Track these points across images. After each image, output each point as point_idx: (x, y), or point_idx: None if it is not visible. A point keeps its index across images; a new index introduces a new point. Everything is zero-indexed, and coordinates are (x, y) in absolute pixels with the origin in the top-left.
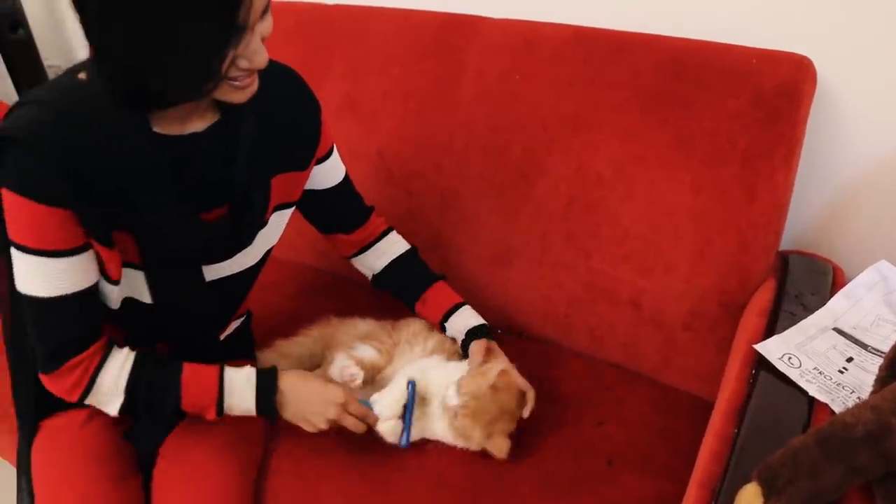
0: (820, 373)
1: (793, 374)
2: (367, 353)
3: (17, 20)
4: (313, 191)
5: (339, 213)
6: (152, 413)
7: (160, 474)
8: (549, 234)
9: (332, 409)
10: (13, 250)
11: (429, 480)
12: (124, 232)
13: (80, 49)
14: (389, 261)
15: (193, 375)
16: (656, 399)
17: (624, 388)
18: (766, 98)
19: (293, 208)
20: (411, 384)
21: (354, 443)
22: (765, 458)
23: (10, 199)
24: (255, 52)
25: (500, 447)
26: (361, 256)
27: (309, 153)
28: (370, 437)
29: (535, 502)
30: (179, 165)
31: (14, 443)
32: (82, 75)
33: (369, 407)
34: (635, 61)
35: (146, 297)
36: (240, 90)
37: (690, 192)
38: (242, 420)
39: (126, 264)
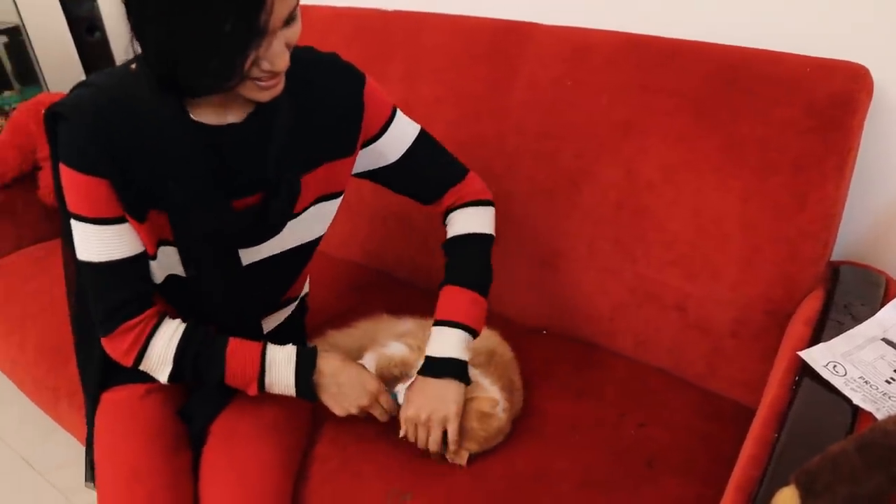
0: (866, 382)
1: (837, 383)
2: (398, 349)
3: (95, 24)
4: (379, 169)
5: (419, 180)
6: (199, 383)
7: (209, 452)
8: (596, 239)
9: (366, 396)
10: (72, 221)
11: (468, 471)
12: (159, 212)
13: None
14: (449, 237)
15: (237, 350)
16: (700, 404)
17: (668, 392)
18: (819, 107)
19: (340, 198)
20: None
21: (397, 432)
22: (804, 463)
23: (66, 172)
24: (276, 55)
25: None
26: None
27: (353, 138)
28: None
29: (573, 499)
30: (213, 153)
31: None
32: (133, 65)
33: (396, 398)
34: (687, 68)
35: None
36: (264, 90)
37: (739, 199)
38: (289, 402)
39: (165, 242)
